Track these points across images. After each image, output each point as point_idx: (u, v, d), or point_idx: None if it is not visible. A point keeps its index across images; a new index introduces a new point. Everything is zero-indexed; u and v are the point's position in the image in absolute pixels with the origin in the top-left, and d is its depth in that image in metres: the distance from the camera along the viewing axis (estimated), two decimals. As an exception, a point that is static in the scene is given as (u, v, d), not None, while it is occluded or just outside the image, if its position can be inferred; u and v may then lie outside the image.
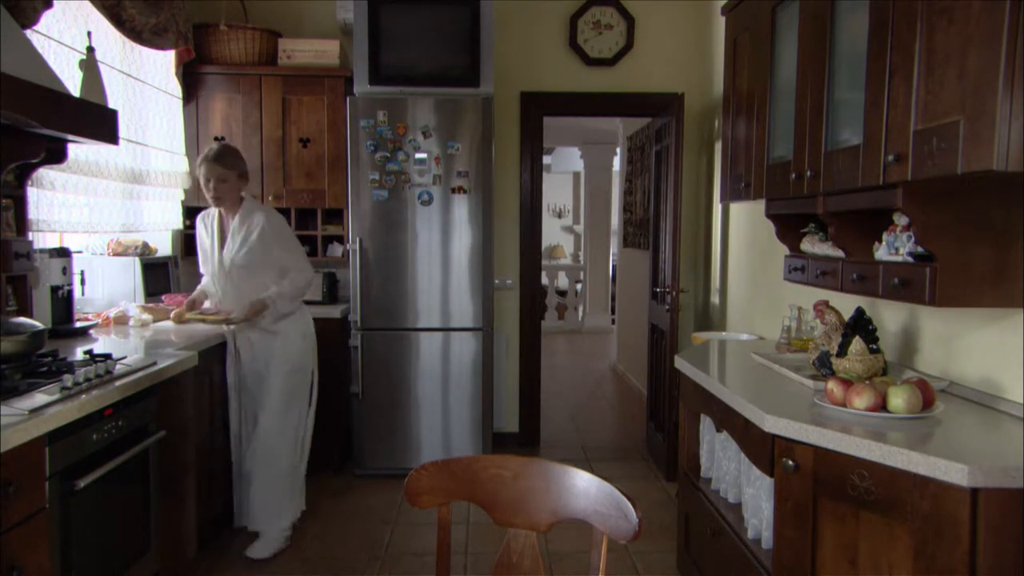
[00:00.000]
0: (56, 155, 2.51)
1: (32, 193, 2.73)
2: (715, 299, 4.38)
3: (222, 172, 3.09)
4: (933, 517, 1.57)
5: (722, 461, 2.62)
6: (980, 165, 1.50)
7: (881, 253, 2.11)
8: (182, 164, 4.15)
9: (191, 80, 4.18)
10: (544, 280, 9.36)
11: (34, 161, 2.44)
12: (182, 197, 4.21)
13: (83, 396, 2.01)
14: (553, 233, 12.31)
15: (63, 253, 2.97)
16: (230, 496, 3.35)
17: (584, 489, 1.45)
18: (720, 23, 3.43)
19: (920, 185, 1.79)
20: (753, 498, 2.28)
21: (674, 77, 4.57)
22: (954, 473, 1.52)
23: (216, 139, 4.24)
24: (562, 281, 10.76)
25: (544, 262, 9.00)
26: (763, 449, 1.99)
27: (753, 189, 2.85)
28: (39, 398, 1.91)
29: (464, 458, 1.57)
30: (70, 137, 2.41)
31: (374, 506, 3.72)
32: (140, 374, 2.32)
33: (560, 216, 12.94)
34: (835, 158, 2.16)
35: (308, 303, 4.30)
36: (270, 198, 4.30)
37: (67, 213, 3.08)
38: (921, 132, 1.71)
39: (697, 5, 4.57)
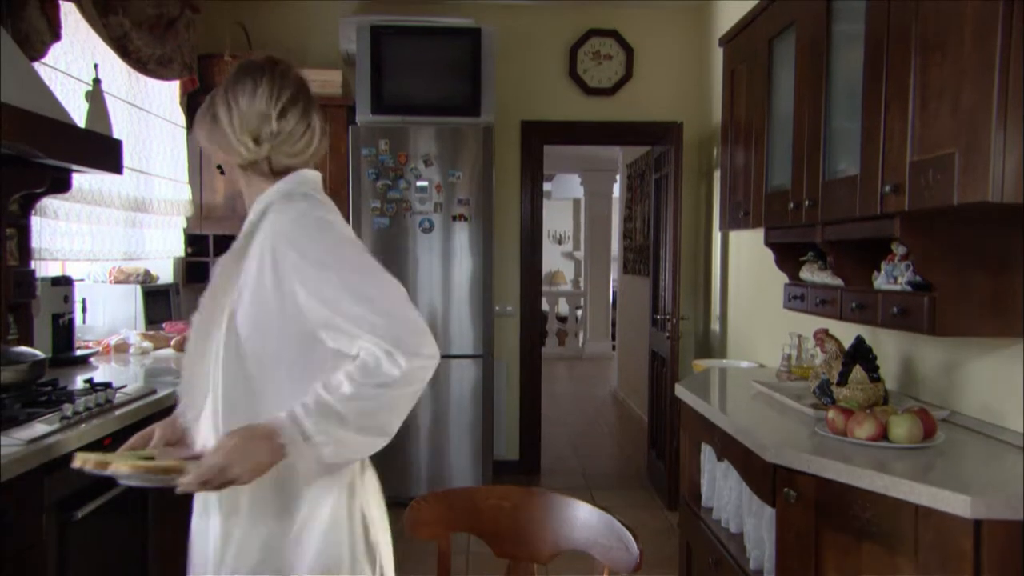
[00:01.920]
0: (60, 185, 2.53)
1: (36, 222, 2.75)
2: (715, 326, 4.38)
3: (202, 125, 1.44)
4: (936, 549, 1.56)
5: (723, 490, 2.60)
6: (976, 196, 1.51)
7: (880, 282, 2.12)
8: (185, 192, 4.18)
9: (195, 109, 4.22)
10: (544, 306, 9.36)
11: (39, 191, 2.46)
12: (184, 225, 4.23)
13: (83, 425, 2.00)
14: (553, 259, 12.34)
15: (65, 281, 2.98)
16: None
17: (585, 520, 1.45)
18: (718, 54, 3.48)
19: (917, 215, 1.81)
20: (755, 528, 2.26)
21: (673, 106, 4.62)
22: (957, 504, 1.51)
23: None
24: (562, 307, 10.76)
25: (544, 288, 9.02)
26: (764, 479, 1.98)
27: (752, 217, 2.86)
28: (39, 428, 1.90)
29: (464, 489, 1.57)
30: (75, 167, 2.43)
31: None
32: (140, 403, 2.31)
33: (560, 242, 12.98)
34: (833, 188, 2.18)
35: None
36: (272, 225, 4.32)
37: (70, 241, 3.09)
38: (917, 163, 1.73)
39: (695, 36, 4.64)
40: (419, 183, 4.06)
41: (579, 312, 10.34)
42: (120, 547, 2.28)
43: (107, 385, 2.34)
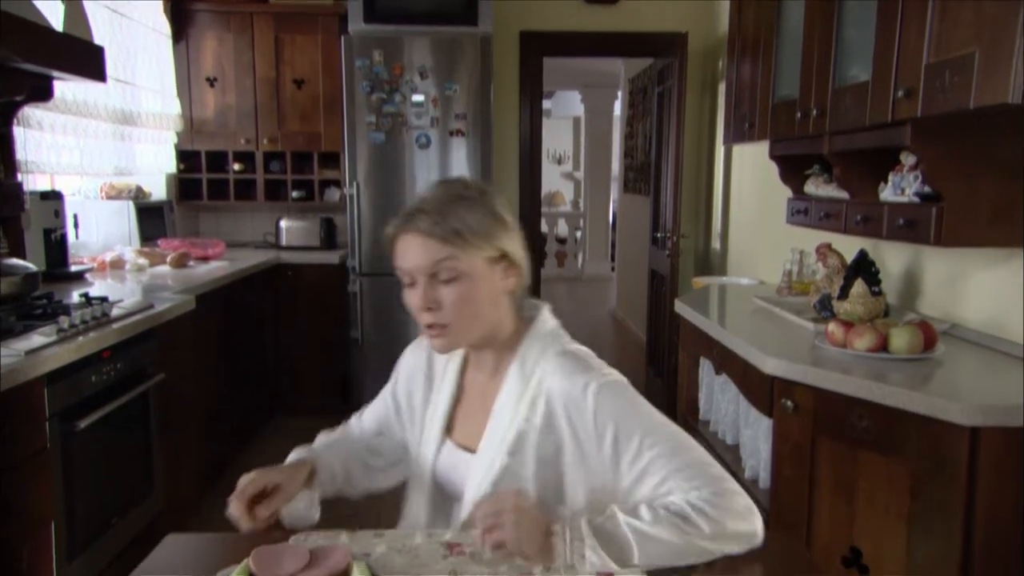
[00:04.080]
0: (41, 92, 2.44)
1: (19, 133, 2.67)
2: (716, 244, 4.34)
3: (441, 250, 1.14)
4: (932, 456, 1.57)
5: (721, 403, 2.63)
6: (995, 98, 1.45)
7: (886, 194, 2.07)
8: (174, 106, 4.06)
9: (180, 17, 4.06)
10: (544, 227, 9.30)
11: (18, 99, 2.37)
12: (175, 140, 4.13)
13: (80, 338, 2.00)
14: (553, 180, 12.17)
15: (54, 196, 2.93)
16: (230, 441, 3.38)
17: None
18: (727, -43, 3.31)
19: (929, 122, 1.75)
20: (751, 439, 2.29)
21: (677, 15, 4.44)
22: (954, 412, 1.52)
23: (208, 80, 4.14)
24: (562, 228, 10.69)
25: (544, 209, 8.91)
26: (762, 391, 1.99)
27: (757, 130, 2.79)
28: (36, 339, 1.90)
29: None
30: (54, 73, 2.33)
31: (375, 449, 3.76)
32: (137, 317, 2.30)
33: (560, 162, 12.79)
34: (843, 95, 2.11)
35: (305, 249, 4.28)
36: (264, 140, 4.22)
37: (57, 155, 3.02)
38: (933, 65, 1.65)
39: (703, -61, 4.41)
40: (415, 97, 3.93)
41: (578, 233, 10.28)
42: (125, 455, 2.32)
43: (103, 299, 2.32)
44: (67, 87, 2.92)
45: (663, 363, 4.28)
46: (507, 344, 1.21)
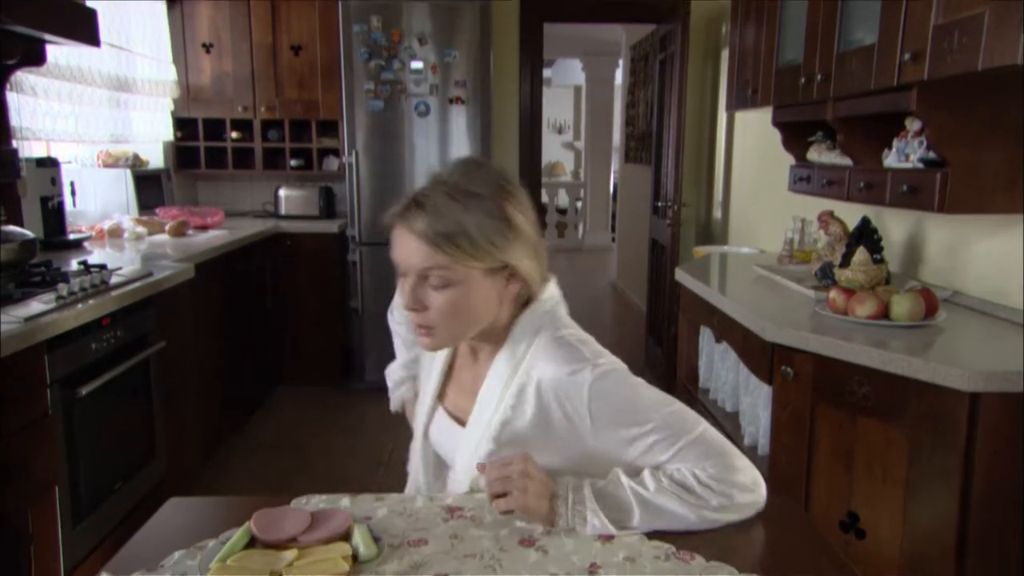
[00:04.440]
0: (34, 57, 2.40)
1: (13, 98, 2.63)
2: (717, 213, 4.32)
3: (431, 256, 1.05)
4: (931, 422, 1.58)
5: (720, 371, 2.63)
6: (1004, 59, 1.42)
7: (890, 160, 2.05)
8: (169, 72, 4.01)
9: (175, -19, 4.00)
10: (544, 198, 9.25)
11: (10, 62, 2.33)
12: (171, 107, 4.09)
13: (79, 305, 1.99)
14: (553, 150, 12.08)
15: (51, 163, 2.90)
16: (232, 408, 3.40)
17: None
18: (731, -82, 3.24)
19: (935, 86, 1.72)
20: (751, 407, 2.30)
21: (681, -20, 4.36)
22: (954, 378, 1.52)
23: (204, 46, 4.08)
24: (562, 199, 10.64)
25: (544, 179, 8.85)
26: (763, 358, 1.99)
27: (760, 96, 2.76)
28: (35, 306, 1.89)
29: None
30: (46, 36, 2.29)
31: (375, 417, 3.78)
32: (136, 284, 2.29)
33: (560, 132, 12.67)
34: (847, 60, 2.08)
35: (304, 218, 4.26)
36: (262, 108, 4.18)
37: (52, 122, 2.98)
38: (941, 27, 1.63)
39: (707, -99, 4.32)
40: (414, 64, 3.88)
41: (579, 204, 10.24)
42: (127, 422, 2.33)
43: (102, 267, 2.31)
44: (61, 52, 2.88)
45: (663, 333, 4.29)
46: (495, 333, 1.14)
